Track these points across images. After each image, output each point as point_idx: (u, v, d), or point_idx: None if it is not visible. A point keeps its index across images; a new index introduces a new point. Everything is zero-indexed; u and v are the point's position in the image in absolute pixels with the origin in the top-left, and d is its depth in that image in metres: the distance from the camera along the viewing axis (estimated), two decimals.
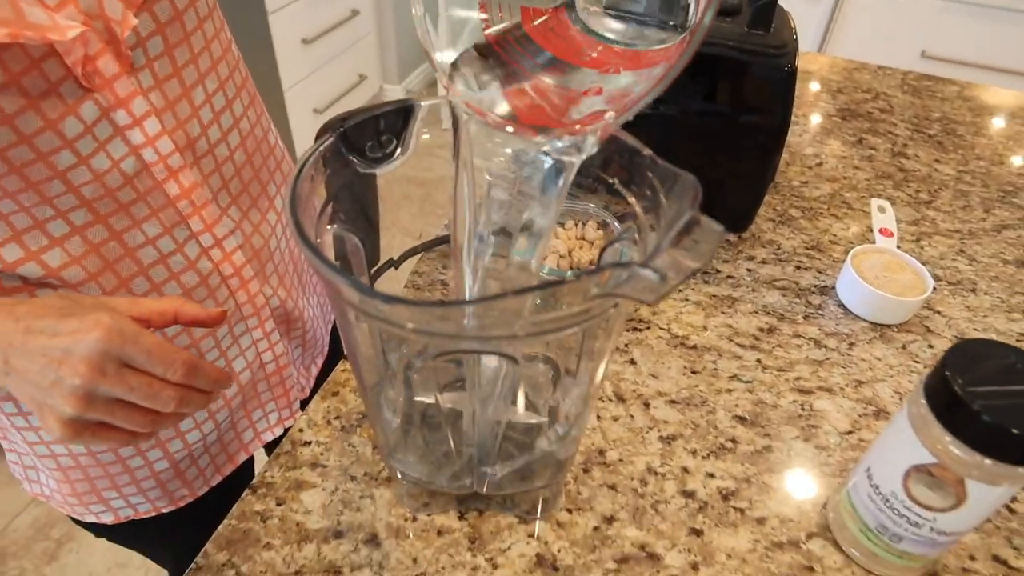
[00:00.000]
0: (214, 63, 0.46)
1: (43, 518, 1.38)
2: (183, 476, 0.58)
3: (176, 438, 0.54)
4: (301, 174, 0.31)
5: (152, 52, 0.41)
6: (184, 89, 0.44)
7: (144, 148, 0.42)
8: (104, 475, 0.54)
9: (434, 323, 0.28)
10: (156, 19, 0.40)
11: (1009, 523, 0.47)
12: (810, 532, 0.46)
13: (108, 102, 0.39)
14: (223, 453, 0.60)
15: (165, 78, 0.42)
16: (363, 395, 0.42)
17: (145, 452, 0.53)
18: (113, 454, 0.52)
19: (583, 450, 0.50)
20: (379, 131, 0.36)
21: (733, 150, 0.66)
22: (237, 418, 0.59)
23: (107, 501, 0.56)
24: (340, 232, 0.36)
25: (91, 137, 0.39)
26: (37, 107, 0.36)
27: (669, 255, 0.25)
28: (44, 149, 0.38)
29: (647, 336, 0.59)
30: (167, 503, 0.59)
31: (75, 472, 0.53)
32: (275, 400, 0.61)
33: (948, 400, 0.36)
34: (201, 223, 0.47)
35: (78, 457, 0.52)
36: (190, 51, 0.44)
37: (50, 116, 0.37)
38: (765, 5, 0.61)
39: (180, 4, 0.42)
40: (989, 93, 1.05)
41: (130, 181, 0.42)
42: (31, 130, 0.36)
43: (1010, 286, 0.67)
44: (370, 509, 0.46)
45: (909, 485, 0.39)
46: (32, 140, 0.37)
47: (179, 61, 0.43)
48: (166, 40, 0.41)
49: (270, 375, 0.59)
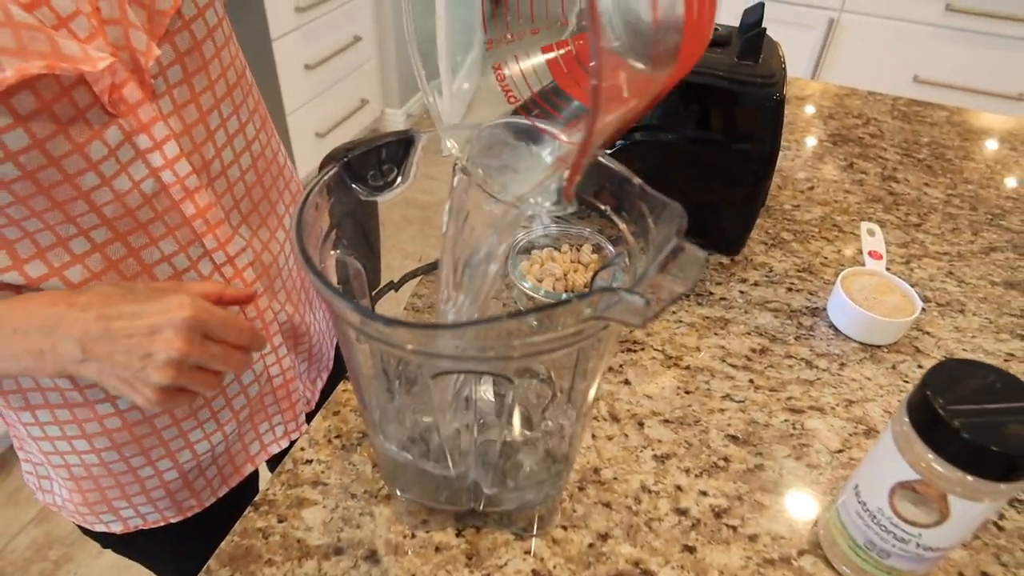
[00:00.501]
0: (229, 89, 0.49)
1: (41, 539, 1.38)
2: (191, 486, 0.59)
3: (185, 448, 0.56)
4: (306, 203, 0.33)
5: (172, 79, 0.44)
6: (201, 114, 0.46)
7: (163, 170, 0.44)
8: (115, 484, 0.55)
9: (432, 344, 0.30)
10: (176, 49, 0.43)
11: (997, 540, 0.48)
12: (801, 549, 0.46)
13: (131, 127, 0.41)
14: (230, 464, 0.62)
15: (184, 104, 0.45)
16: (363, 414, 0.43)
17: (155, 462, 0.55)
18: (124, 464, 0.54)
19: (578, 468, 0.51)
20: (381, 161, 0.37)
21: (725, 176, 0.68)
22: (244, 430, 0.60)
23: (117, 510, 0.58)
24: (343, 257, 0.37)
25: (114, 160, 0.41)
26: (66, 132, 0.39)
27: (655, 281, 0.27)
28: (71, 171, 0.40)
29: (641, 357, 0.60)
30: (175, 513, 0.60)
31: (87, 482, 0.55)
32: (281, 413, 0.63)
33: (930, 419, 0.37)
34: (215, 241, 0.49)
35: (90, 467, 0.54)
36: (207, 78, 0.46)
37: (77, 140, 0.39)
38: (754, 36, 0.63)
39: (199, 34, 0.45)
40: (977, 118, 1.08)
41: (149, 201, 0.44)
42: (59, 153, 0.39)
43: (998, 307, 0.69)
44: (370, 526, 0.46)
45: (895, 502, 0.40)
46: (60, 163, 0.39)
47: (197, 88, 0.45)
48: (185, 68, 0.44)
49: (277, 388, 0.61)
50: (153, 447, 0.54)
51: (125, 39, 0.39)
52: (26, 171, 0.38)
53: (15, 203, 0.39)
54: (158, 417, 0.52)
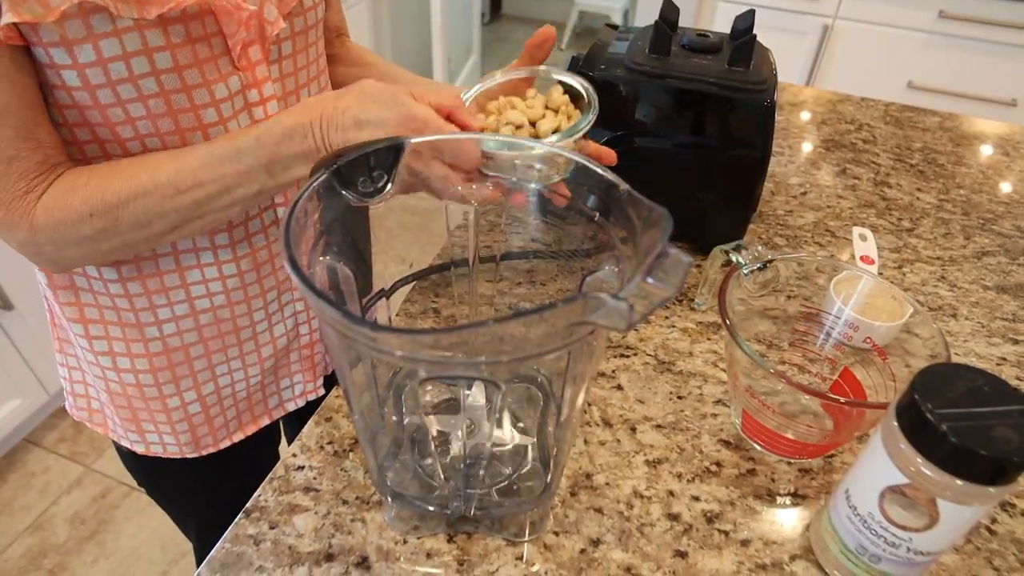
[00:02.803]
0: (318, 73, 0.58)
1: (36, 548, 1.37)
2: (211, 423, 0.63)
3: (210, 382, 0.61)
4: (295, 209, 0.33)
5: (284, 52, 0.52)
6: (297, 86, 0.54)
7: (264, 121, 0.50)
8: (145, 407, 0.60)
9: (420, 350, 0.30)
10: (292, 27, 0.51)
11: (989, 544, 0.48)
12: (793, 554, 0.46)
13: (247, 80, 0.49)
14: (249, 411, 0.66)
15: (288, 74, 0.53)
16: (353, 419, 0.43)
17: (183, 392, 0.60)
18: (156, 389, 0.59)
19: (570, 474, 0.51)
20: (370, 167, 0.37)
21: (717, 181, 0.68)
22: (267, 381, 0.65)
23: (143, 432, 0.63)
24: (332, 263, 0.37)
25: (230, 104, 0.49)
26: (200, 67, 0.46)
27: (640, 286, 0.27)
28: (197, 102, 0.47)
29: (634, 362, 0.61)
30: (193, 449, 0.64)
31: (120, 399, 0.61)
32: (303, 372, 0.68)
33: (918, 422, 0.37)
34: (282, 196, 0.56)
35: (127, 386, 0.59)
36: (307, 58, 0.55)
37: (208, 77, 0.46)
38: (744, 43, 0.64)
39: (310, 21, 0.53)
40: (969, 123, 1.08)
41: None
42: (192, 83, 0.46)
43: (990, 311, 0.69)
44: (361, 532, 0.46)
45: (884, 506, 0.40)
46: (191, 91, 0.46)
47: (299, 64, 0.54)
48: (294, 45, 0.52)
49: (303, 347, 0.66)
50: (184, 376, 0.59)
51: (260, 7, 0.47)
52: (163, 89, 0.45)
53: (146, 118, 0.45)
54: (194, 346, 0.58)
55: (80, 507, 1.44)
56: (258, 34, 0.48)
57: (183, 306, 0.55)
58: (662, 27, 0.65)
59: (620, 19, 3.59)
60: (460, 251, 0.58)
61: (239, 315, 0.58)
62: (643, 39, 0.68)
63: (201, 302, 0.56)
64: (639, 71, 0.65)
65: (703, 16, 2.26)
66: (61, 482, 1.48)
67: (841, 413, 0.52)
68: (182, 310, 0.55)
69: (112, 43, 0.41)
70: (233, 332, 0.59)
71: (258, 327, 0.60)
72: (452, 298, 0.65)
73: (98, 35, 0.41)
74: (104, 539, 1.39)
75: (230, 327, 0.59)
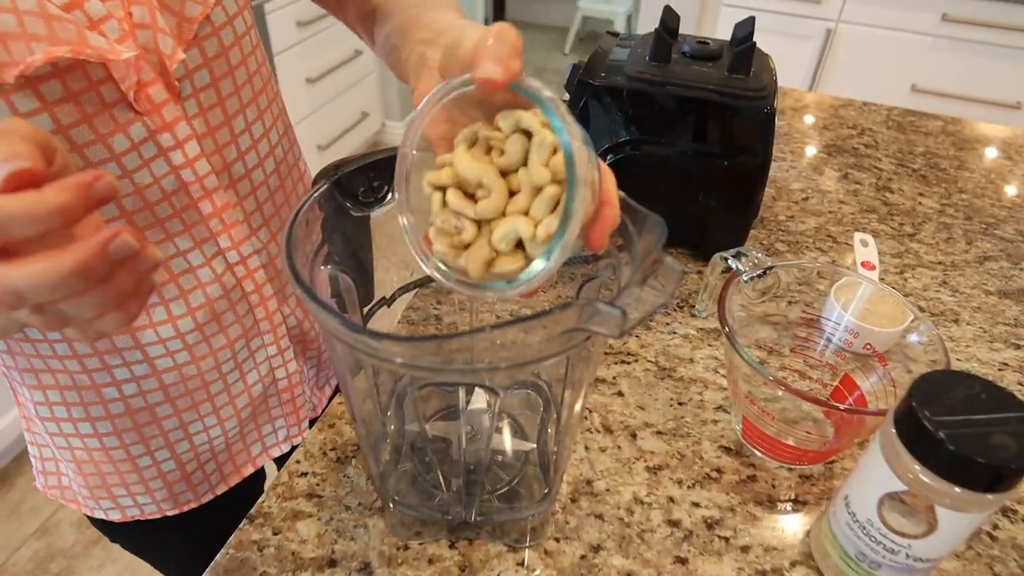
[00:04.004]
0: (255, 95, 0.51)
1: (43, 552, 1.38)
2: (189, 480, 0.60)
3: (184, 440, 0.57)
4: (297, 219, 0.33)
5: (198, 83, 0.45)
6: (226, 117, 0.48)
7: (183, 168, 0.46)
8: (114, 471, 0.57)
9: (420, 357, 0.30)
10: (204, 54, 0.45)
11: (990, 550, 0.48)
12: (794, 560, 0.47)
13: (155, 125, 0.43)
14: (230, 463, 0.63)
15: (209, 107, 0.46)
16: (355, 426, 0.44)
17: (154, 452, 0.57)
18: (124, 451, 0.56)
19: (571, 480, 0.51)
20: (371, 178, 0.38)
21: (718, 188, 0.68)
22: (247, 430, 0.62)
23: (116, 498, 0.59)
24: (334, 272, 0.38)
25: (136, 154, 0.43)
26: (91, 122, 0.40)
27: (634, 293, 0.27)
28: (92, 159, 0.41)
29: (634, 368, 0.61)
30: (172, 506, 0.61)
31: (88, 466, 0.57)
32: (285, 417, 0.64)
33: (915, 430, 0.37)
34: (229, 240, 0.50)
35: (92, 451, 0.56)
36: (233, 83, 0.48)
37: (101, 131, 0.41)
38: (744, 50, 0.64)
39: (227, 41, 0.46)
40: (972, 128, 1.08)
41: (168, 197, 0.46)
42: (83, 141, 0.41)
43: (992, 316, 0.69)
44: (363, 538, 0.47)
45: (883, 512, 0.40)
46: (83, 150, 0.41)
47: (223, 92, 0.47)
48: (212, 73, 0.46)
49: (281, 391, 0.62)
50: (153, 436, 0.55)
51: (154, 43, 0.41)
52: None
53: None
54: (160, 405, 0.54)
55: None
56: (158, 71, 0.42)
57: (142, 366, 0.51)
58: (662, 35, 0.66)
59: (623, 24, 3.59)
60: None
61: (206, 369, 0.54)
62: (644, 47, 0.69)
63: (162, 361, 0.51)
64: (639, 79, 0.65)
65: (705, 22, 2.27)
66: None
67: (841, 419, 0.52)
68: (141, 370, 0.51)
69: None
70: (202, 387, 0.55)
71: (229, 378, 0.56)
72: (454, 305, 0.66)
73: None
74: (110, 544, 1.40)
75: (198, 383, 0.54)
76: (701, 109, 0.65)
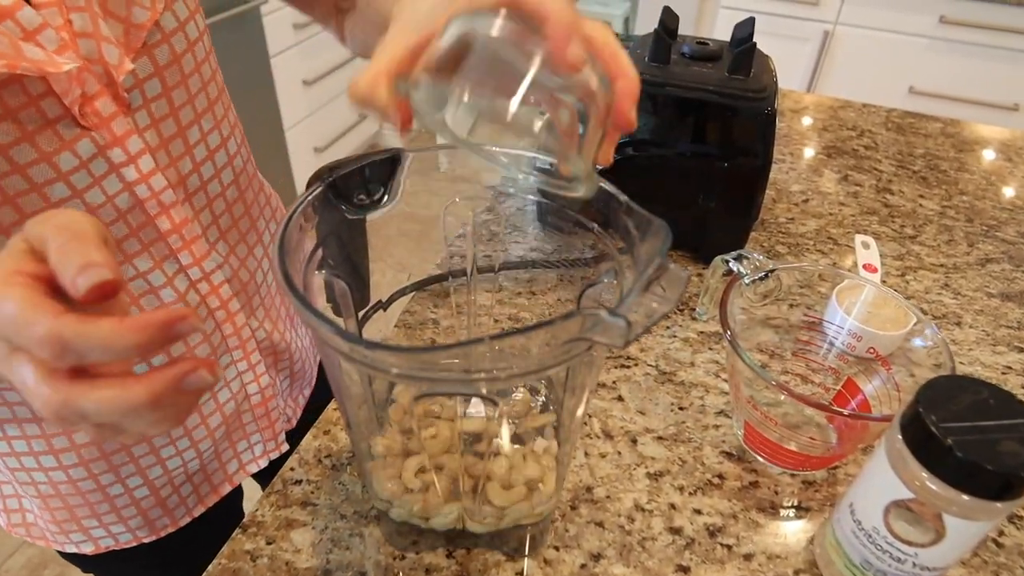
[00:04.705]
0: (210, 104, 0.48)
1: (36, 558, 1.37)
2: (164, 505, 0.57)
3: (156, 464, 0.54)
4: (289, 223, 0.32)
5: (149, 93, 0.42)
6: (180, 128, 0.45)
7: (137, 184, 0.43)
8: (84, 503, 0.54)
9: (416, 367, 0.29)
10: (155, 62, 0.42)
11: (997, 557, 0.47)
12: (797, 568, 0.46)
13: (104, 140, 0.40)
14: (207, 483, 0.60)
15: (162, 118, 0.44)
16: (350, 432, 0.43)
17: (125, 479, 0.54)
18: (93, 481, 0.52)
19: (571, 487, 0.50)
20: (366, 180, 0.37)
21: (718, 190, 0.68)
22: (221, 448, 0.59)
23: (87, 529, 0.56)
24: (329, 277, 0.37)
25: (86, 172, 0.40)
26: (32, 140, 0.37)
27: (638, 301, 0.26)
28: (38, 180, 0.39)
29: (635, 373, 0.60)
30: (148, 533, 0.58)
31: (54, 500, 0.53)
32: (260, 432, 0.62)
33: (922, 436, 0.36)
34: (190, 257, 0.48)
35: (58, 485, 0.52)
36: (187, 92, 0.45)
37: (45, 149, 0.38)
38: (744, 51, 0.63)
39: (179, 48, 0.44)
40: (972, 129, 1.08)
41: (123, 216, 0.43)
42: (25, 161, 0.38)
43: (994, 319, 0.68)
44: (359, 548, 0.46)
45: (889, 520, 0.39)
46: (26, 170, 0.38)
47: (176, 102, 0.44)
48: (164, 82, 0.43)
49: (255, 407, 0.60)
50: (123, 463, 0.53)
51: (98, 53, 0.38)
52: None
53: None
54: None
55: None
56: (104, 83, 0.39)
57: None
58: (662, 35, 0.65)
59: (621, 26, 3.59)
60: (459, 261, 0.58)
61: None
62: (643, 47, 0.68)
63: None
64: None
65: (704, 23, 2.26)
66: None
67: (845, 425, 0.52)
68: None
69: None
70: None
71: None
72: (451, 308, 0.65)
73: None
74: None
75: None
76: (701, 110, 0.64)
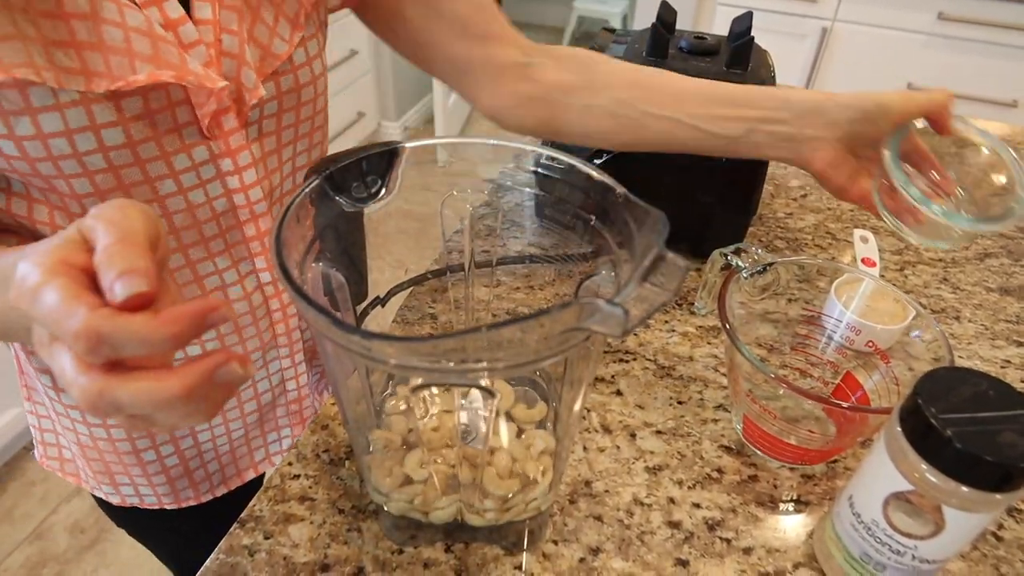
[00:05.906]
0: (311, 131, 0.52)
1: (35, 557, 1.37)
2: (191, 476, 0.61)
3: (188, 436, 0.58)
4: (287, 216, 0.32)
5: (266, 112, 0.46)
6: (278, 145, 0.49)
7: (237, 193, 0.46)
8: (118, 461, 0.58)
9: (414, 358, 0.29)
10: (278, 88, 0.46)
11: (996, 550, 0.47)
12: (797, 562, 0.46)
13: (219, 150, 0.44)
14: (233, 465, 0.63)
15: (267, 133, 0.47)
16: (347, 427, 0.43)
17: (159, 446, 0.57)
18: (130, 444, 0.56)
19: (569, 481, 0.50)
20: (364, 173, 0.37)
21: (716, 185, 0.67)
22: (252, 435, 0.62)
23: (117, 485, 0.60)
24: (325, 269, 0.37)
25: (195, 174, 0.44)
26: (159, 140, 0.41)
27: (636, 291, 0.26)
28: (152, 175, 0.42)
29: (633, 367, 0.60)
30: (172, 500, 0.62)
31: (91, 451, 0.58)
32: (291, 427, 0.65)
33: (922, 428, 0.36)
34: (265, 263, 0.51)
35: (97, 440, 0.56)
36: (296, 116, 0.49)
37: (167, 149, 0.42)
38: (742, 45, 0.63)
39: (303, 79, 0.48)
40: None
41: (217, 217, 0.47)
42: (147, 156, 0.41)
43: (993, 313, 0.68)
44: (357, 542, 0.46)
45: (889, 513, 0.39)
46: (145, 165, 0.41)
47: (284, 122, 0.48)
48: (280, 105, 0.47)
49: (290, 402, 0.63)
50: (159, 432, 0.56)
51: (236, 72, 0.42)
52: (112, 165, 0.40)
53: (93, 194, 0.41)
54: None
55: (80, 516, 1.43)
56: (233, 99, 0.42)
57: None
58: (659, 30, 0.65)
59: (619, 23, 3.59)
60: (457, 256, 0.58)
61: None
62: (640, 42, 0.68)
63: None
64: None
65: (702, 18, 2.26)
66: (61, 491, 1.48)
67: (844, 418, 0.52)
68: None
69: (53, 118, 0.37)
70: None
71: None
72: (449, 303, 0.65)
73: (37, 109, 0.36)
74: (104, 548, 1.39)
75: None
76: None
